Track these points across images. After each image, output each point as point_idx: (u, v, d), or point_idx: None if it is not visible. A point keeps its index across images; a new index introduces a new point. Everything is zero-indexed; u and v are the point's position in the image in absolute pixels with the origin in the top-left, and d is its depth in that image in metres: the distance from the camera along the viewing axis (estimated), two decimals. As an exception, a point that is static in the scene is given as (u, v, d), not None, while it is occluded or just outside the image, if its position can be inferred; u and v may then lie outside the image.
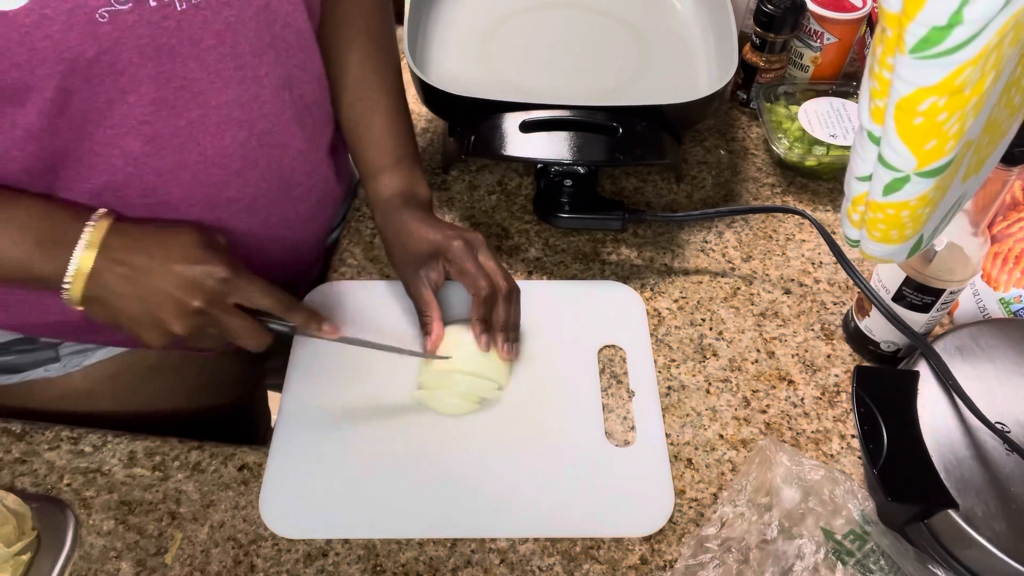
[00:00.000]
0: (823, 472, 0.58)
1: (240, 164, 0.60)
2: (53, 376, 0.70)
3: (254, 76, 0.57)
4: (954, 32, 0.34)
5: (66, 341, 0.69)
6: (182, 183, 0.58)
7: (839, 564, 0.54)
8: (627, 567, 0.57)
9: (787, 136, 0.84)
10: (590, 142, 0.72)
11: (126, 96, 0.51)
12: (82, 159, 0.54)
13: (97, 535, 0.58)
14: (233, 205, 0.62)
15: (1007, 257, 0.67)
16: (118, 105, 0.51)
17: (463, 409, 0.64)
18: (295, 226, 0.71)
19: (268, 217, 0.67)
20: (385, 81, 0.72)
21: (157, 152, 0.55)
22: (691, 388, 0.67)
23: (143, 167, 0.55)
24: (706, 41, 0.88)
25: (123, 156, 0.54)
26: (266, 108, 0.60)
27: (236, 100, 0.57)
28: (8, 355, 0.68)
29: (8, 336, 0.67)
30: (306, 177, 0.69)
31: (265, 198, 0.65)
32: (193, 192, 0.59)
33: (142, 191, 0.57)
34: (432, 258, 0.66)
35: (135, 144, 0.54)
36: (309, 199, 0.71)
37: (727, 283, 0.75)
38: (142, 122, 0.53)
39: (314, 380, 0.66)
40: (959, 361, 0.57)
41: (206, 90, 0.54)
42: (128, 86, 0.51)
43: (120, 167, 0.55)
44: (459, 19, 0.90)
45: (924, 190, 0.41)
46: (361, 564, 0.57)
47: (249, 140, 0.60)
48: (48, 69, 0.47)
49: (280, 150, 0.63)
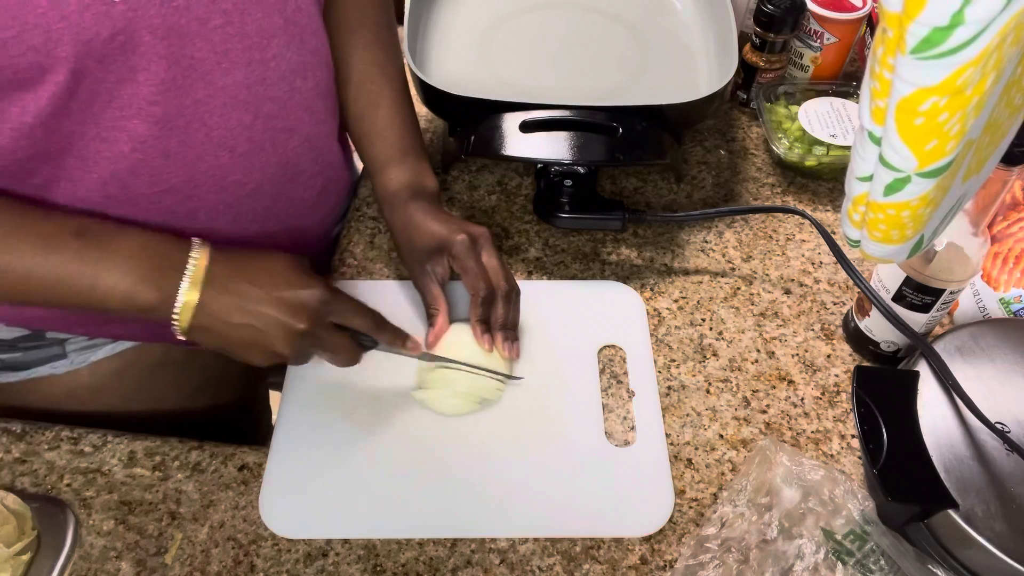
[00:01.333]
0: (823, 472, 0.58)
1: (246, 147, 0.60)
2: (60, 373, 0.70)
3: (261, 59, 0.57)
4: (955, 32, 0.34)
5: (73, 334, 0.69)
6: (188, 166, 0.58)
7: (839, 564, 0.55)
8: (627, 567, 0.57)
9: (787, 136, 0.84)
10: (590, 142, 0.72)
11: (136, 75, 0.51)
12: (88, 146, 0.53)
13: (97, 535, 0.58)
14: (239, 189, 0.62)
15: (1007, 257, 0.67)
16: (127, 85, 0.51)
17: (463, 409, 0.64)
18: (301, 213, 0.71)
19: (274, 202, 0.66)
20: (388, 74, 0.72)
21: (164, 134, 0.55)
22: (691, 388, 0.67)
23: (150, 151, 0.55)
24: (706, 41, 0.88)
25: (130, 140, 0.54)
26: (272, 91, 0.59)
27: (243, 82, 0.57)
28: (15, 352, 0.68)
29: (15, 333, 0.67)
30: (312, 163, 0.68)
31: (271, 183, 0.65)
32: (199, 176, 0.59)
33: (149, 177, 0.57)
34: (437, 252, 0.66)
35: (142, 127, 0.54)
36: (315, 185, 0.71)
37: (727, 283, 0.75)
38: (150, 103, 0.53)
39: (314, 380, 0.66)
40: (959, 361, 0.57)
41: (213, 70, 0.54)
42: (139, 65, 0.51)
43: (127, 153, 0.54)
44: (459, 19, 0.90)
45: (925, 190, 0.41)
46: (361, 564, 0.57)
47: (255, 123, 0.60)
48: (64, 51, 0.47)
49: (287, 135, 0.63)
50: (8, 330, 0.67)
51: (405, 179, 0.70)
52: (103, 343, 0.70)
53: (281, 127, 0.62)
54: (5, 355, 0.68)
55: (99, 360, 0.70)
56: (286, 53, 0.59)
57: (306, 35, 0.61)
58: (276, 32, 0.57)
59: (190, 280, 0.54)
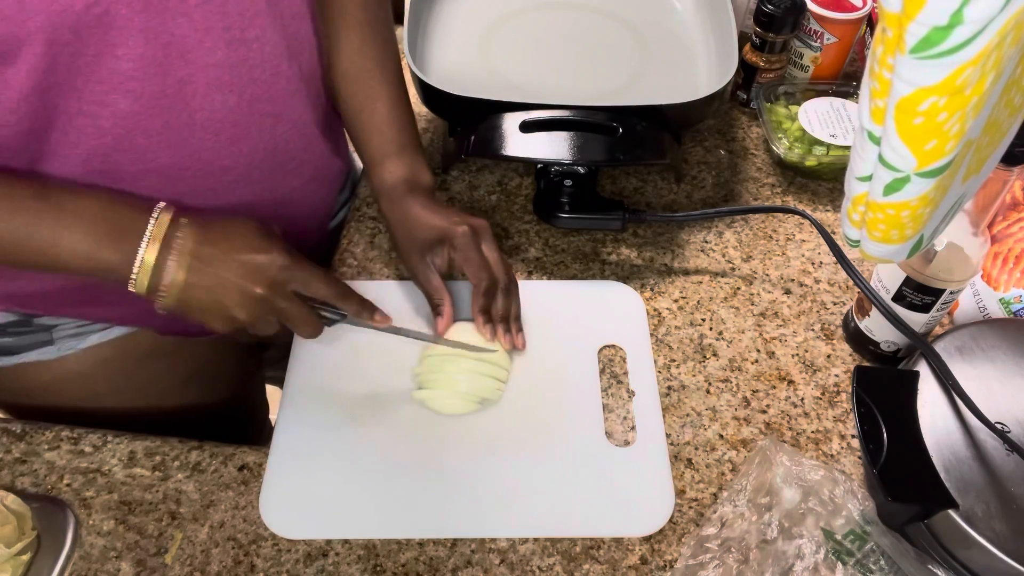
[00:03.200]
0: (823, 472, 0.58)
1: (232, 131, 0.60)
2: (48, 359, 0.70)
3: (243, 39, 0.57)
4: (955, 32, 0.34)
5: (61, 318, 0.69)
6: (172, 147, 0.58)
7: (839, 564, 0.55)
8: (627, 567, 0.57)
9: (787, 136, 0.84)
10: (590, 142, 0.72)
11: (115, 50, 0.51)
12: (71, 120, 0.53)
13: (97, 535, 0.58)
14: (227, 175, 0.62)
15: (1007, 257, 0.67)
16: (107, 59, 0.51)
17: (464, 409, 0.64)
18: (292, 201, 0.71)
19: (263, 189, 0.66)
20: (385, 69, 0.72)
21: (146, 112, 0.55)
22: (691, 388, 0.67)
23: (132, 128, 0.55)
24: (706, 41, 0.88)
25: (113, 116, 0.54)
26: (256, 73, 0.59)
27: (224, 62, 0.56)
28: (4, 337, 0.68)
29: (4, 318, 0.68)
30: (301, 151, 0.68)
31: (259, 169, 0.64)
32: (183, 159, 0.59)
33: (133, 155, 0.57)
34: (438, 244, 0.66)
35: (124, 103, 0.54)
36: (304, 174, 0.71)
37: (727, 283, 0.75)
38: (130, 78, 0.53)
39: (314, 381, 0.66)
40: (959, 361, 0.57)
41: (194, 49, 0.54)
42: (117, 39, 0.51)
43: (109, 128, 0.54)
44: (459, 19, 0.90)
45: (924, 190, 0.41)
46: (361, 564, 0.57)
47: (239, 106, 0.59)
48: (38, 22, 0.47)
49: (273, 119, 0.63)
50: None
51: (402, 173, 0.70)
52: (91, 331, 0.71)
53: (267, 111, 0.62)
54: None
55: (87, 348, 0.71)
56: (269, 35, 0.59)
57: (287, 18, 0.61)
58: (258, 13, 0.57)
59: (148, 241, 0.54)
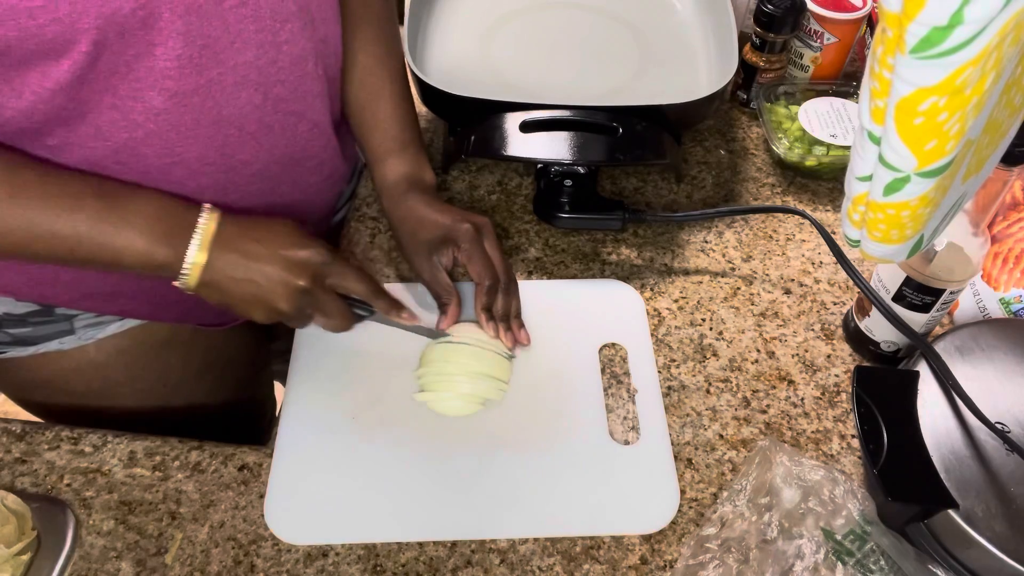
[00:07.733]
0: (823, 472, 0.58)
1: (255, 127, 0.61)
2: (67, 348, 0.71)
3: (273, 41, 0.58)
4: (955, 32, 0.34)
5: (81, 310, 0.70)
6: (199, 141, 0.59)
7: (839, 564, 0.55)
8: (627, 567, 0.57)
9: (787, 136, 0.84)
10: (590, 142, 0.72)
11: (154, 50, 0.52)
12: (103, 114, 0.54)
13: (97, 535, 0.58)
14: (246, 168, 0.63)
15: (1007, 257, 0.67)
16: (145, 59, 0.52)
17: (466, 411, 0.64)
18: (304, 199, 0.72)
19: (279, 185, 0.68)
20: (390, 68, 0.73)
21: (178, 108, 0.56)
22: (691, 388, 0.67)
23: (164, 123, 0.56)
24: (706, 41, 0.88)
25: (145, 111, 0.55)
26: (283, 75, 0.61)
27: (253, 62, 0.58)
28: (25, 327, 0.69)
29: (25, 308, 0.68)
30: (320, 150, 0.70)
31: (278, 165, 0.66)
32: (208, 152, 0.60)
33: (161, 149, 0.58)
34: (443, 243, 0.67)
35: (157, 100, 0.55)
36: (320, 172, 0.72)
37: (727, 283, 0.75)
38: (166, 77, 0.54)
39: (316, 383, 0.66)
40: (959, 361, 0.57)
41: (226, 49, 0.56)
42: (157, 40, 0.52)
43: (140, 123, 0.56)
44: (459, 19, 0.90)
45: (924, 190, 0.41)
46: (361, 564, 0.57)
47: (264, 104, 0.61)
48: (87, 23, 0.48)
49: (295, 118, 0.64)
50: (19, 305, 0.68)
51: (404, 170, 0.71)
52: (110, 321, 0.71)
53: (290, 111, 0.63)
54: (15, 330, 0.69)
55: (106, 337, 0.72)
56: (298, 39, 0.60)
57: (318, 22, 0.62)
58: (289, 17, 0.59)
59: (200, 240, 0.57)
